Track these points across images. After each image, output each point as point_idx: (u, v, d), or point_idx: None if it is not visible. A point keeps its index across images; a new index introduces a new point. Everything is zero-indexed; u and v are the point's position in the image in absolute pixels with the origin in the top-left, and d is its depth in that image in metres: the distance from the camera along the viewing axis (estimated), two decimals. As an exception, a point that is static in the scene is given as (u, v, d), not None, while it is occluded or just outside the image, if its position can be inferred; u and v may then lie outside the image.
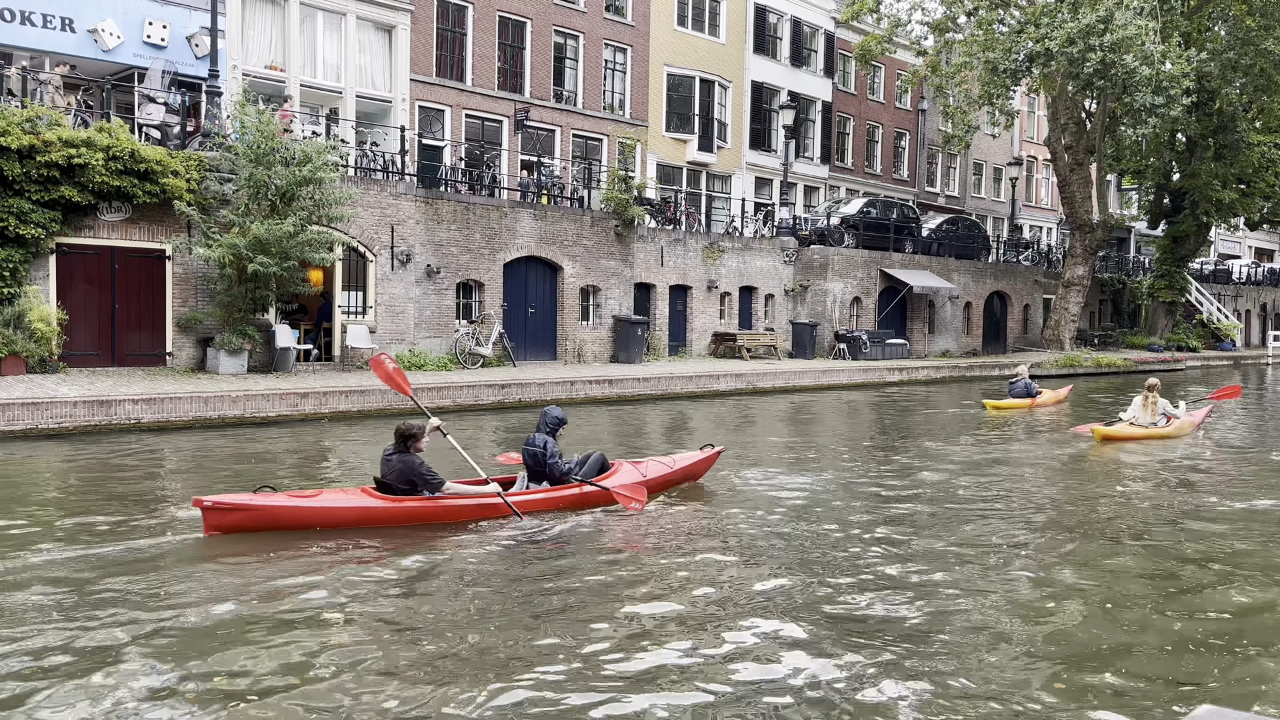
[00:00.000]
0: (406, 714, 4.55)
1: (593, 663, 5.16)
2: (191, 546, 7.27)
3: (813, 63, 35.26)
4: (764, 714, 4.65)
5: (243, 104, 16.58)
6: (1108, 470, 12.40)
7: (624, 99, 29.15)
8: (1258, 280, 47.61)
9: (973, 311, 31.99)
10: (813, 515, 8.87)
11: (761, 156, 33.32)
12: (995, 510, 9.45)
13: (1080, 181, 31.46)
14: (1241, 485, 11.34)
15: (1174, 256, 37.67)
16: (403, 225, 18.99)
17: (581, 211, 22.64)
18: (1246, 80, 29.42)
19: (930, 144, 40.74)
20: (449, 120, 24.96)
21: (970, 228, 34.51)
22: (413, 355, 18.80)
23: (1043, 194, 47.87)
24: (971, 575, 7.08)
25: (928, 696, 4.89)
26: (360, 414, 14.88)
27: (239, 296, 16.20)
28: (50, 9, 18.52)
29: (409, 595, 6.38)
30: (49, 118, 14.87)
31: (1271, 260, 59.03)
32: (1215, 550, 7.99)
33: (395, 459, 7.96)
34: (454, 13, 25.03)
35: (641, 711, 4.62)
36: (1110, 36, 23.73)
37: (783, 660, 5.32)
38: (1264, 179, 35.87)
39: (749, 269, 26.17)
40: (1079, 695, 4.98)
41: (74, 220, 15.16)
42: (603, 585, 6.62)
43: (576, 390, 17.98)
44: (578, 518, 8.43)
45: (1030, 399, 18.75)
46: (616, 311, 22.75)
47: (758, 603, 6.29)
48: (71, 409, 12.41)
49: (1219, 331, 39.47)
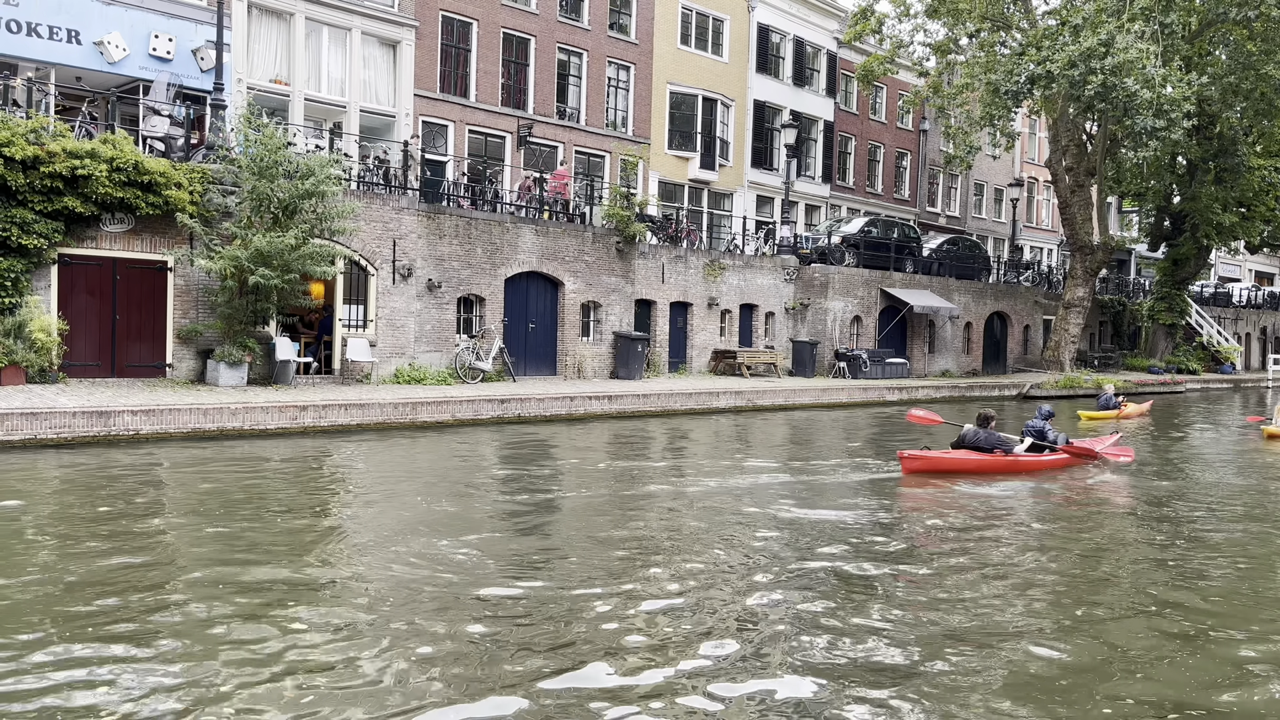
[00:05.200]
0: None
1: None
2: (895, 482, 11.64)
3: (815, 82, 35.42)
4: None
5: (248, 117, 16.64)
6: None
7: (627, 116, 29.27)
8: (1258, 303, 47.65)
9: (973, 332, 31.99)
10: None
11: (763, 175, 33.42)
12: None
13: (1081, 203, 31.52)
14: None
15: (1174, 279, 37.72)
16: (404, 239, 19.02)
17: (583, 228, 22.67)
18: (1247, 104, 29.53)
19: (932, 164, 40.88)
20: (452, 135, 25.05)
21: (971, 248, 34.56)
22: (412, 369, 18.79)
23: (1043, 215, 47.99)
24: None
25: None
26: (359, 427, 14.86)
27: (240, 309, 16.21)
28: (57, 21, 18.62)
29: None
30: (53, 128, 14.92)
31: (1271, 284, 59.11)
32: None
33: (981, 432, 12.67)
34: (458, 29, 25.17)
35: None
36: (1111, 60, 23.84)
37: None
38: (1264, 203, 35.96)
39: (750, 287, 26.20)
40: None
41: (76, 231, 15.18)
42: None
43: (576, 406, 17.96)
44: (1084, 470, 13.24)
45: (1116, 411, 21.46)
46: (617, 328, 22.75)
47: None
48: (71, 419, 12.39)
49: (1219, 354, 39.47)
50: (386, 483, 11.19)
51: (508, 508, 10.00)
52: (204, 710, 4.74)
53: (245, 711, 4.75)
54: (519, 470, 12.35)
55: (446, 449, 13.94)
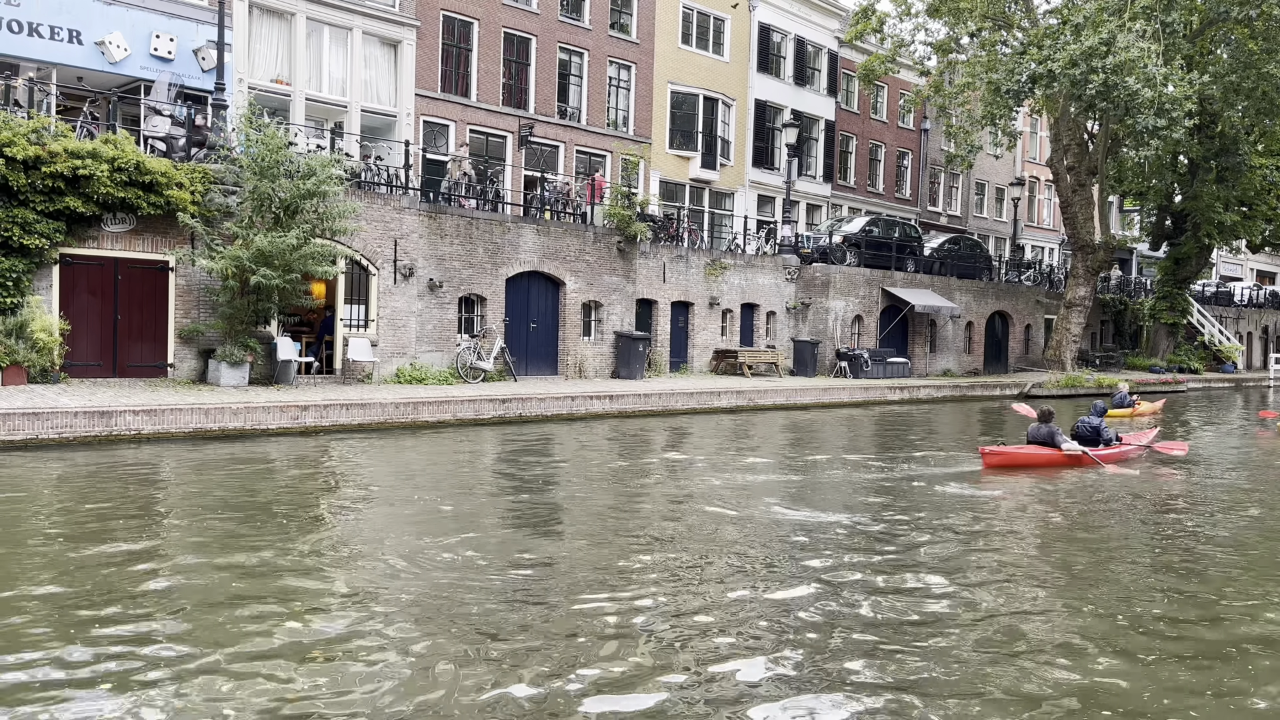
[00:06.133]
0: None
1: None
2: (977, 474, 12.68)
3: (816, 82, 35.42)
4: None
5: (249, 117, 16.64)
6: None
7: (628, 116, 29.27)
8: (1259, 303, 47.63)
9: (974, 331, 31.98)
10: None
11: (764, 174, 33.42)
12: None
13: (1082, 202, 31.50)
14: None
15: (1175, 278, 37.70)
16: (406, 239, 19.03)
17: (584, 227, 22.68)
18: (1248, 103, 29.50)
19: (933, 163, 40.86)
20: (453, 135, 25.06)
21: (972, 247, 34.54)
22: (414, 369, 18.80)
23: (1045, 214, 47.98)
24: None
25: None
26: (360, 427, 14.87)
27: (241, 309, 16.22)
28: (58, 21, 18.64)
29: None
30: (55, 129, 14.93)
31: (1273, 283, 59.09)
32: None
33: (1043, 427, 13.60)
34: (459, 28, 25.17)
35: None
36: (1113, 59, 23.82)
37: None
38: (1265, 202, 35.94)
39: (751, 286, 26.20)
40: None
41: (78, 231, 15.19)
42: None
43: (577, 405, 17.96)
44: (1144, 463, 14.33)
45: (1130, 409, 22.15)
46: (618, 327, 22.76)
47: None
48: (72, 419, 12.40)
49: (1220, 353, 39.44)
50: (387, 483, 11.20)
51: (509, 508, 10.01)
52: (204, 711, 4.74)
53: (245, 711, 4.75)
54: (520, 470, 12.35)
55: (447, 449, 13.94)
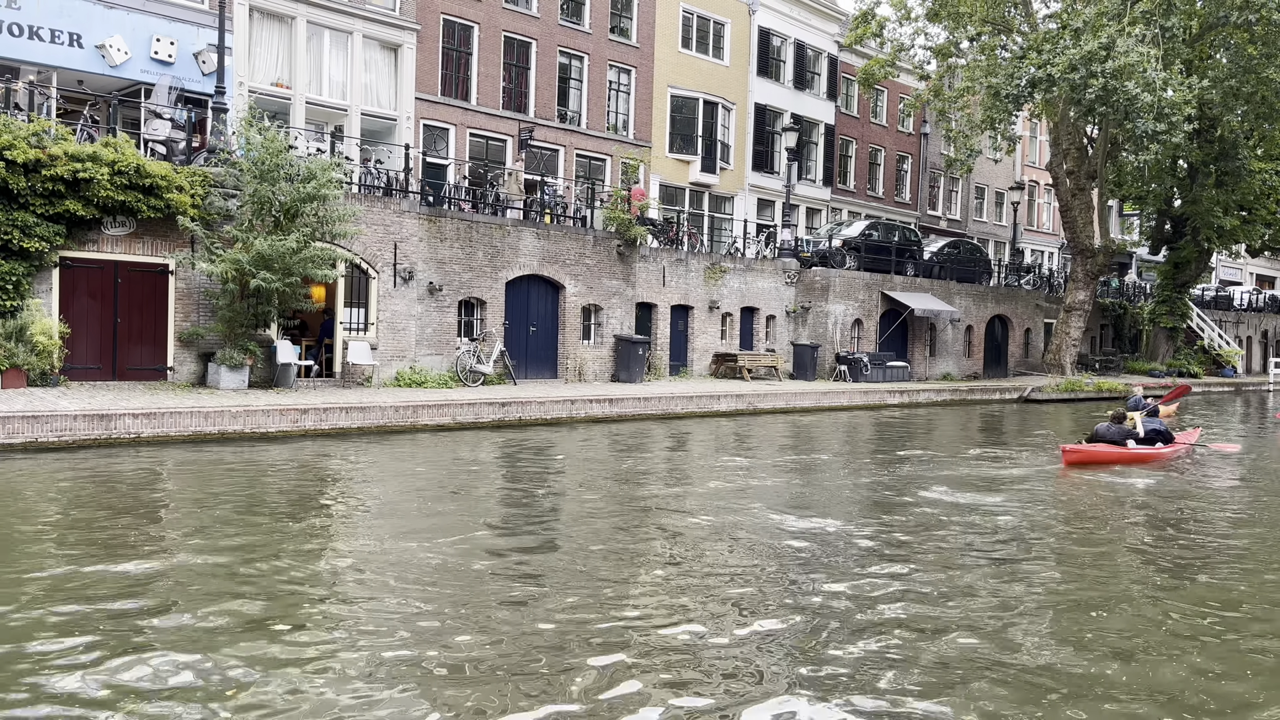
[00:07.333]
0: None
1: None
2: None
3: (816, 86, 35.45)
4: None
5: (249, 120, 16.65)
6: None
7: (628, 119, 29.29)
8: (1259, 307, 47.65)
9: (974, 335, 31.99)
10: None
11: (764, 178, 33.43)
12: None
13: (1082, 206, 31.51)
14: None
15: (1175, 282, 37.70)
16: (406, 242, 19.04)
17: (584, 231, 22.69)
18: (1248, 108, 29.53)
19: (932, 167, 40.89)
20: (453, 139, 25.08)
21: (972, 251, 34.57)
22: (413, 372, 18.80)
23: (1044, 218, 48.00)
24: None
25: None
26: (360, 431, 14.86)
27: (241, 312, 16.22)
28: (59, 25, 18.65)
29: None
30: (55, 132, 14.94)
31: (1273, 287, 59.08)
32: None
33: (1114, 427, 14.69)
34: (460, 32, 25.20)
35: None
36: (1112, 63, 23.83)
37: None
38: (1265, 206, 35.92)
39: (750, 290, 26.20)
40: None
41: (78, 234, 15.19)
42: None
43: (577, 409, 17.95)
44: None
45: (1144, 412, 21.93)
46: (618, 331, 22.76)
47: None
48: (71, 423, 12.39)
49: (1220, 357, 39.46)
50: (387, 486, 11.19)
51: (508, 512, 10.00)
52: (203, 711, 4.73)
53: (245, 711, 4.74)
54: (519, 473, 12.35)
55: (447, 452, 13.94)
